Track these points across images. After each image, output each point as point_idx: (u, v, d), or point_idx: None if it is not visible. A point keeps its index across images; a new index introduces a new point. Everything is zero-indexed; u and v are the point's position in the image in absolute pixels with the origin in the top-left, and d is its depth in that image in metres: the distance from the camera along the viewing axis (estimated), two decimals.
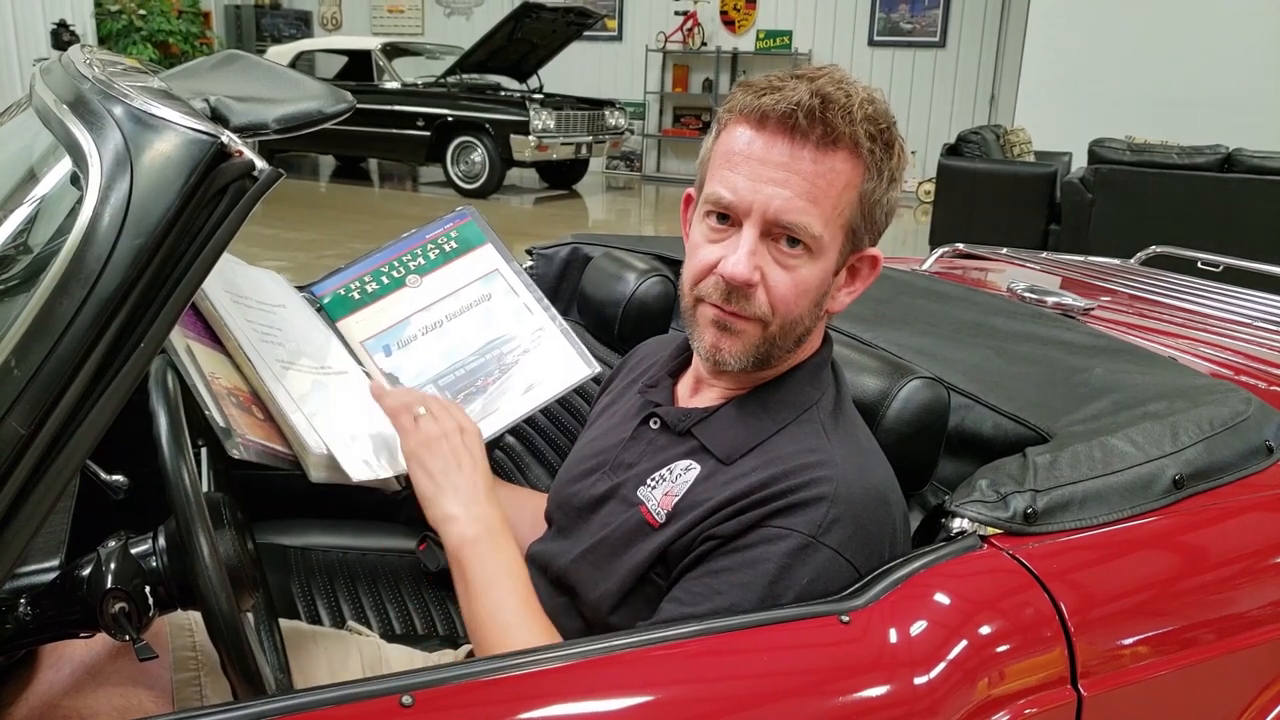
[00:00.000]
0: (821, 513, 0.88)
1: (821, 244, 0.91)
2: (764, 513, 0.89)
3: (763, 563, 0.88)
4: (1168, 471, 1.08)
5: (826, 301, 0.97)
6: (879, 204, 0.93)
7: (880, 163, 0.91)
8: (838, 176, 0.90)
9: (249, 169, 0.67)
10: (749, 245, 0.90)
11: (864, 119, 0.89)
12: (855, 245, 0.95)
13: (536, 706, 0.76)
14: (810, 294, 0.93)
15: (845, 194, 0.91)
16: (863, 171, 0.91)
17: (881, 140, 0.91)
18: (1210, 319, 1.92)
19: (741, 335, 0.94)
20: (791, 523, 0.88)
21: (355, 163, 11.36)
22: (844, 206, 0.91)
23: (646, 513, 0.97)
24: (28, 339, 0.64)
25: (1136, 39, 7.94)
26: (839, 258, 0.94)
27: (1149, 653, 1.00)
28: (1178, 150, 6.10)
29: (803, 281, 0.92)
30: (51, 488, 0.66)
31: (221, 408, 0.94)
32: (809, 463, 0.91)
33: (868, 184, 0.91)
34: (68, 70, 0.80)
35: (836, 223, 0.91)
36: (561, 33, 9.65)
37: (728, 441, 0.97)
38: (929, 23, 10.33)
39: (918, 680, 0.84)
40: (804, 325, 0.96)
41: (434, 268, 1.27)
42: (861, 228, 0.94)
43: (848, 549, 0.88)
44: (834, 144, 0.89)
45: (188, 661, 1.09)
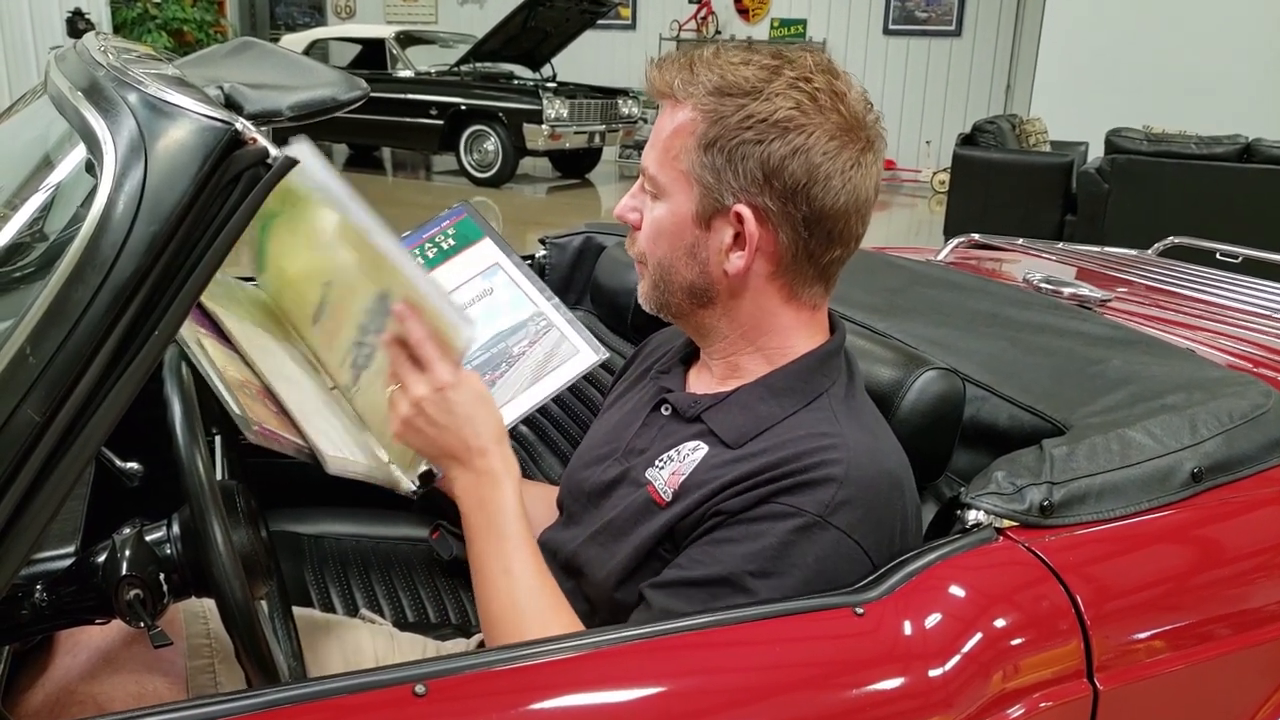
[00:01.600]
0: (830, 493, 0.87)
1: (659, 185, 0.96)
2: (772, 489, 0.89)
3: (766, 536, 0.87)
4: (1186, 464, 1.07)
5: (709, 258, 0.95)
6: (719, 150, 0.91)
7: (716, 106, 0.91)
8: (670, 121, 0.95)
9: (263, 156, 0.67)
10: (632, 190, 1.01)
11: (703, 65, 0.93)
12: (716, 199, 0.92)
13: (549, 696, 0.76)
14: (665, 235, 0.97)
15: (676, 139, 0.94)
16: (693, 116, 0.93)
17: (720, 88, 0.92)
18: (1229, 310, 1.90)
19: (642, 277, 1.03)
20: (799, 501, 0.88)
21: (368, 151, 11.37)
22: (678, 151, 0.94)
23: (654, 491, 0.96)
24: (43, 326, 0.64)
25: (1154, 28, 7.86)
26: (695, 206, 0.94)
27: (1166, 647, 0.99)
28: (1196, 140, 6.04)
29: (654, 220, 0.98)
30: (66, 475, 0.66)
31: (237, 397, 0.94)
32: (820, 445, 0.91)
33: (699, 128, 0.92)
34: (82, 57, 0.80)
35: (674, 166, 0.94)
36: (575, 21, 9.62)
37: (736, 426, 0.96)
38: (944, 11, 10.26)
39: (932, 673, 0.84)
40: (682, 275, 0.97)
41: (433, 266, 1.27)
42: (710, 179, 0.92)
43: (856, 531, 0.88)
44: (669, 95, 0.95)
45: (202, 648, 1.10)
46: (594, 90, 9.73)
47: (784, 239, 0.93)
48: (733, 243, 0.94)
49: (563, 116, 9.00)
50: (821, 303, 1.01)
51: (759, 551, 0.87)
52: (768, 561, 0.87)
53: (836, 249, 0.96)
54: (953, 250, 2.35)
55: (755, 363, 1.00)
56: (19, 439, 0.63)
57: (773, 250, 0.94)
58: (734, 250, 0.94)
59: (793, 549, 0.87)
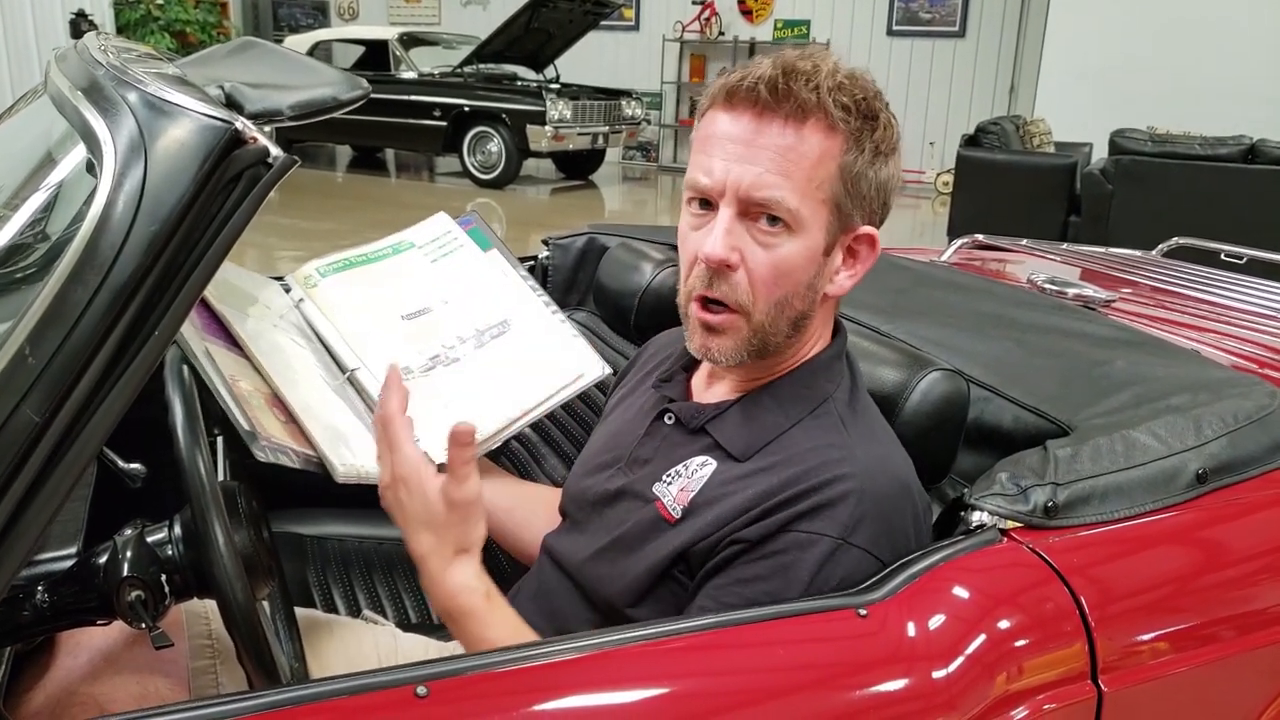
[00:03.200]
0: (848, 512, 0.87)
1: (799, 218, 0.88)
2: (790, 515, 0.88)
3: (795, 569, 0.87)
4: (1191, 465, 1.07)
5: (821, 284, 0.93)
6: (863, 177, 0.90)
7: (859, 133, 0.89)
8: (810, 148, 0.87)
9: (263, 155, 0.67)
10: (724, 224, 0.89)
11: (834, 88, 0.88)
12: (845, 223, 0.91)
13: (551, 698, 0.76)
14: (793, 274, 0.90)
15: (821, 166, 0.88)
16: (840, 142, 0.88)
17: (859, 111, 0.88)
18: (1234, 311, 1.90)
19: (727, 333, 0.93)
20: (820, 526, 0.87)
21: (372, 153, 11.38)
22: (822, 179, 0.88)
23: (663, 508, 0.96)
24: (42, 326, 0.63)
25: (1158, 29, 7.84)
26: (825, 235, 0.91)
27: (1171, 648, 0.99)
28: (1200, 141, 6.03)
29: (783, 261, 0.89)
30: (67, 475, 0.66)
31: (245, 411, 0.93)
32: (829, 459, 0.90)
33: (848, 156, 0.89)
34: (82, 57, 0.80)
35: (815, 197, 0.88)
36: (578, 22, 9.62)
37: (742, 438, 0.96)
38: (948, 12, 10.25)
39: (936, 674, 0.83)
40: (794, 308, 0.93)
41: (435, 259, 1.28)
42: (848, 204, 0.90)
43: (876, 546, 0.88)
44: (802, 115, 0.87)
45: (204, 649, 1.10)
46: (597, 91, 9.73)
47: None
48: (842, 263, 0.94)
49: (566, 118, 9.00)
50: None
51: (792, 587, 0.87)
52: (796, 589, 0.87)
53: None
54: (956, 251, 2.34)
55: (777, 371, 0.99)
56: (18, 440, 0.63)
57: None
58: (842, 271, 0.94)
59: (822, 578, 0.87)
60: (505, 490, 1.23)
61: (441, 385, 1.14)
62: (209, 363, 0.95)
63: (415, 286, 1.24)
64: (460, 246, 1.29)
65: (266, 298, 1.18)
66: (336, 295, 1.20)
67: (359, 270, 1.24)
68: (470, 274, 1.27)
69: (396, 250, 1.27)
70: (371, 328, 1.18)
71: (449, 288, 1.25)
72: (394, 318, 1.20)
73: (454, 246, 1.29)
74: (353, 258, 1.25)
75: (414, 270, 1.26)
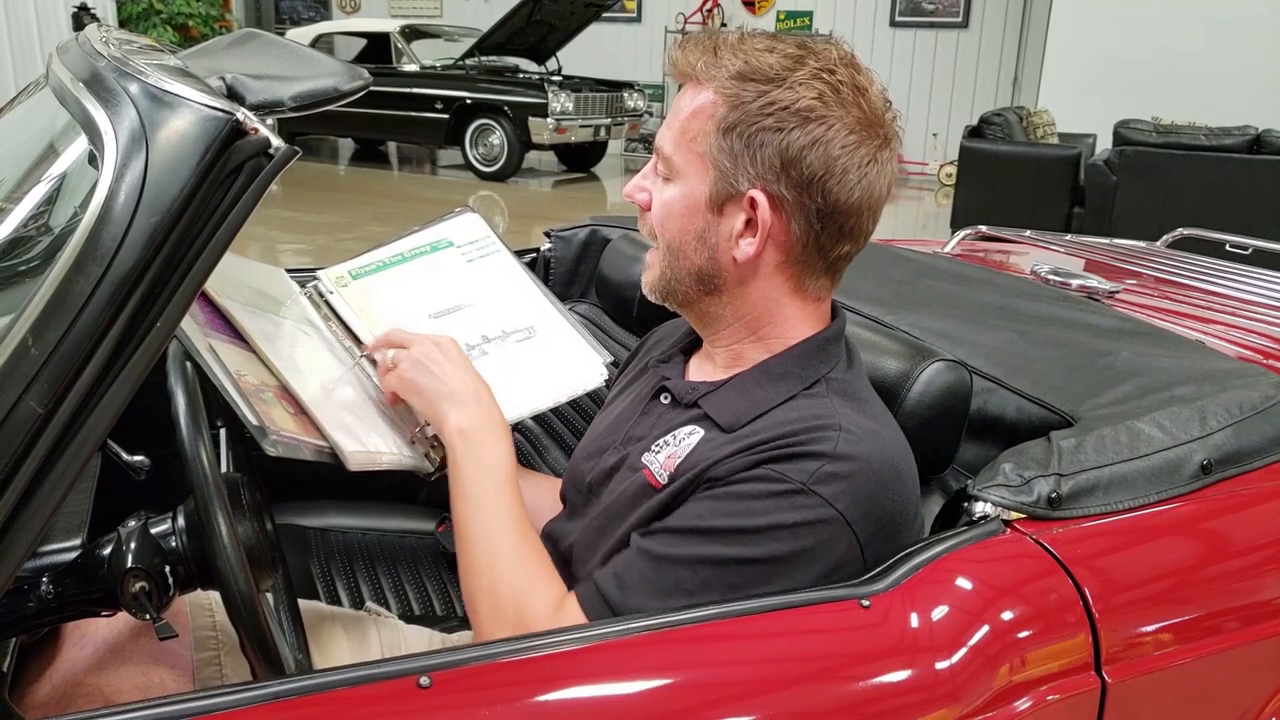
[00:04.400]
0: (816, 465, 0.86)
1: (673, 165, 0.95)
2: (761, 458, 0.89)
3: (749, 497, 0.87)
4: (1195, 456, 1.07)
5: (717, 241, 0.94)
6: (738, 135, 0.90)
7: (738, 91, 0.90)
8: (690, 103, 0.94)
9: (265, 146, 0.67)
10: (644, 170, 1.01)
11: (727, 49, 0.92)
12: (731, 183, 0.92)
13: (554, 688, 0.76)
14: (675, 217, 0.96)
15: (694, 120, 0.93)
16: (716, 100, 0.92)
17: (743, 72, 0.91)
18: (1239, 302, 1.89)
19: (649, 267, 1.02)
20: (785, 469, 0.87)
21: (374, 145, 11.38)
22: (695, 133, 0.93)
23: (650, 475, 0.96)
24: (44, 318, 0.63)
25: (1162, 18, 7.82)
26: (709, 190, 0.93)
27: (1174, 640, 0.99)
28: (1205, 131, 6.01)
29: (665, 203, 0.97)
30: (70, 467, 0.66)
31: (253, 405, 0.93)
32: (815, 425, 0.90)
33: (719, 111, 0.91)
34: (84, 48, 0.80)
35: (690, 148, 0.94)
36: (580, 14, 9.60)
37: (732, 410, 0.96)
38: (951, 3, 10.22)
39: (939, 665, 0.83)
40: (690, 260, 0.96)
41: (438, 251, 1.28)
42: (726, 162, 0.91)
43: (840, 501, 0.86)
44: (691, 75, 0.95)
45: (208, 641, 1.10)
46: (599, 84, 9.71)
47: (796, 229, 0.92)
48: (744, 229, 0.93)
49: (568, 110, 8.99)
50: (826, 295, 1.00)
51: (742, 509, 0.87)
52: (749, 517, 0.86)
53: (846, 244, 0.95)
54: (960, 242, 2.34)
55: (757, 352, 0.99)
56: (22, 431, 0.63)
57: (784, 240, 0.93)
58: (745, 236, 0.94)
59: (775, 511, 0.86)
60: None
61: None
62: (213, 359, 0.95)
63: (447, 286, 1.24)
64: (496, 251, 1.30)
65: (271, 287, 1.18)
66: (366, 292, 1.21)
67: (392, 271, 1.24)
68: (501, 280, 1.27)
69: (435, 248, 1.27)
70: (398, 323, 1.18)
71: (479, 290, 1.25)
72: (422, 315, 1.20)
73: (491, 250, 1.29)
74: (388, 258, 1.25)
75: (448, 269, 1.26)
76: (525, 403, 1.17)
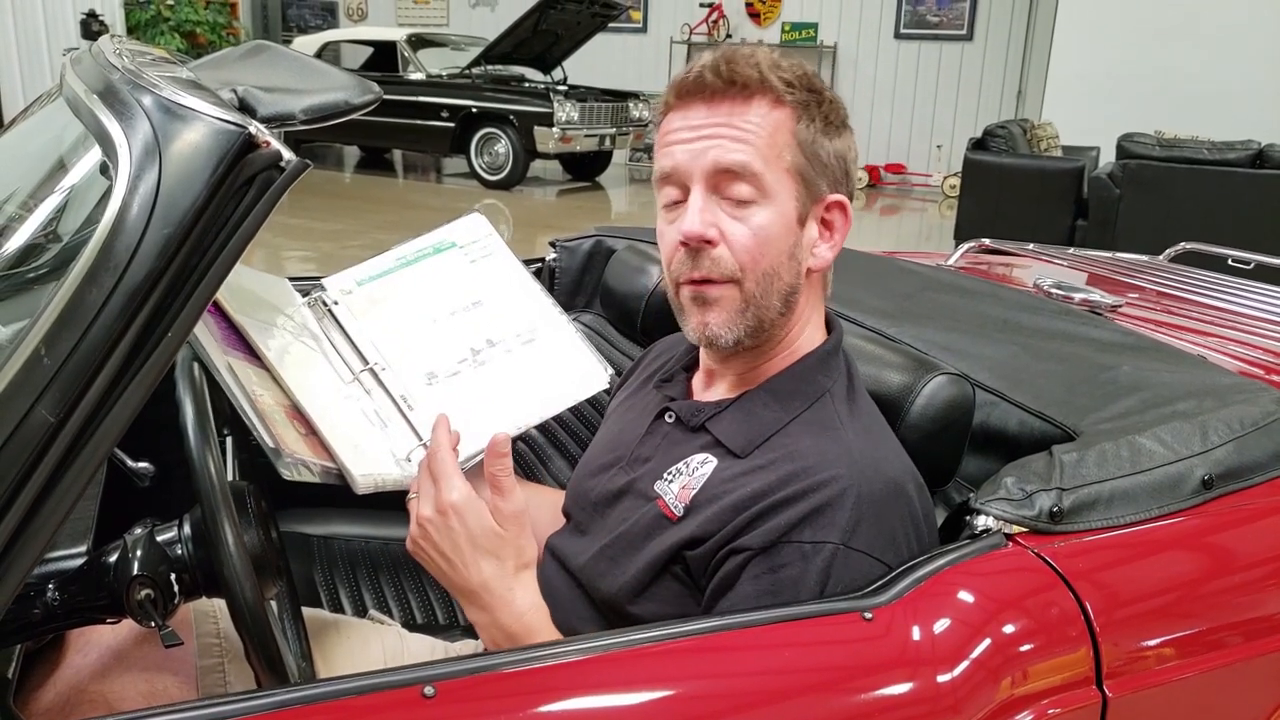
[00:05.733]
0: (845, 516, 0.87)
1: (766, 185, 0.91)
2: (789, 521, 0.88)
3: (804, 581, 0.87)
4: (1197, 471, 1.07)
5: (803, 256, 0.95)
6: (819, 146, 0.93)
7: (806, 104, 0.93)
8: (764, 120, 0.91)
9: (276, 159, 0.68)
10: (698, 203, 0.91)
11: (772, 66, 0.93)
12: (814, 193, 0.94)
13: (558, 699, 0.76)
14: (773, 241, 0.92)
15: (778, 135, 0.91)
16: (790, 113, 0.92)
17: (802, 86, 0.93)
18: (1241, 317, 1.89)
19: (720, 303, 0.93)
20: (819, 534, 0.87)
21: (380, 154, 11.40)
22: (781, 148, 0.91)
23: (664, 506, 0.96)
24: (57, 328, 0.64)
25: (1166, 33, 7.83)
26: (797, 205, 0.93)
27: (1176, 654, 0.99)
28: (1208, 146, 6.02)
29: (761, 229, 0.91)
30: (80, 475, 0.67)
31: (269, 427, 0.93)
32: (825, 459, 0.91)
33: (800, 125, 0.92)
34: (97, 60, 0.81)
35: (778, 165, 0.91)
36: (586, 24, 9.63)
37: (742, 434, 0.96)
38: (956, 15, 10.24)
39: (940, 678, 0.84)
40: (783, 280, 0.94)
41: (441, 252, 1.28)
42: (810, 172, 0.93)
43: (876, 548, 0.88)
44: (748, 92, 0.91)
45: (212, 648, 1.10)
46: (605, 93, 9.73)
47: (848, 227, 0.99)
48: (819, 235, 0.97)
49: (573, 119, 9.01)
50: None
51: (796, 592, 0.87)
52: (807, 594, 0.87)
53: None
54: (963, 255, 2.34)
55: (774, 365, 1.00)
56: (34, 439, 0.64)
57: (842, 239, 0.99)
58: (820, 243, 0.97)
59: (830, 583, 0.87)
60: None
61: (465, 390, 1.15)
62: (231, 378, 0.95)
63: (450, 289, 1.24)
64: (499, 251, 1.29)
65: (275, 298, 1.19)
66: (371, 299, 1.21)
67: (396, 275, 1.24)
68: (503, 280, 1.27)
69: (439, 249, 1.27)
70: (402, 329, 1.18)
71: (482, 291, 1.25)
72: (426, 320, 1.20)
73: (493, 250, 1.29)
74: (392, 263, 1.25)
75: (451, 271, 1.26)
76: (528, 413, 1.17)
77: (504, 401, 1.14)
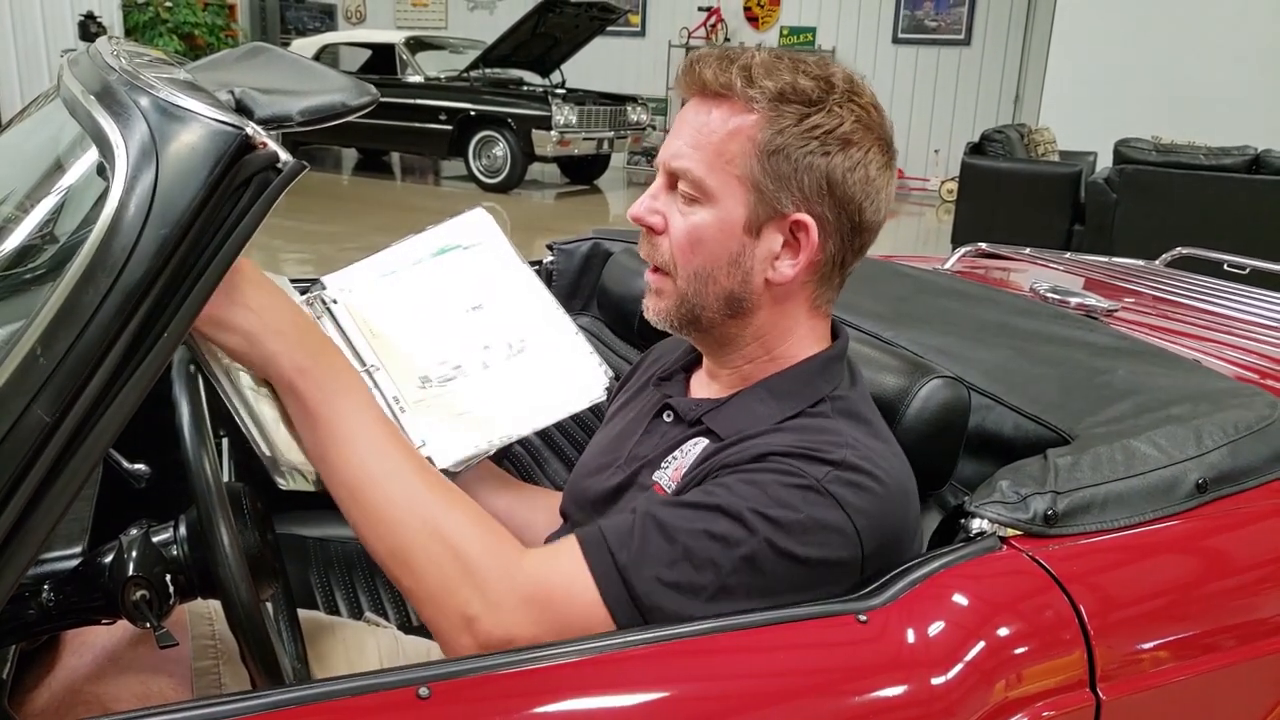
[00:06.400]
0: (826, 469, 0.87)
1: (707, 190, 0.92)
2: (774, 451, 0.88)
3: (761, 485, 0.86)
4: (1191, 475, 1.07)
5: (751, 264, 0.94)
6: (785, 158, 0.90)
7: (779, 113, 0.90)
8: (721, 124, 0.91)
9: (273, 161, 0.68)
10: (652, 190, 0.97)
11: (762, 71, 0.91)
12: (772, 205, 0.92)
13: (553, 700, 0.76)
14: (707, 243, 0.93)
15: (731, 142, 0.91)
16: (754, 120, 0.90)
17: (783, 94, 0.90)
18: (1236, 322, 1.90)
19: (659, 292, 0.98)
20: (801, 465, 0.87)
21: (377, 156, 11.41)
22: (733, 154, 0.90)
23: (660, 490, 0.97)
24: (54, 327, 0.64)
25: (1164, 38, 7.86)
26: (746, 212, 0.92)
27: (1170, 657, 0.99)
28: (1205, 151, 6.03)
29: (695, 228, 0.93)
30: (75, 475, 0.67)
31: (268, 436, 0.92)
32: (823, 439, 0.90)
33: (763, 133, 0.90)
34: (95, 61, 0.81)
35: (727, 171, 0.91)
36: (584, 28, 9.65)
37: (734, 426, 0.96)
38: (954, 20, 10.27)
39: (935, 681, 0.84)
40: (720, 284, 0.94)
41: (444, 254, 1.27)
42: (769, 185, 0.91)
43: (850, 507, 0.86)
44: (719, 96, 0.92)
45: (207, 650, 1.10)
46: (603, 97, 9.75)
47: (831, 248, 0.95)
48: (781, 250, 0.94)
49: (571, 123, 9.02)
50: (830, 309, 1.02)
51: (755, 494, 0.85)
52: (765, 501, 0.85)
53: (858, 260, 0.99)
54: (960, 259, 2.35)
55: (765, 370, 1.00)
56: (29, 439, 0.64)
57: (818, 259, 0.94)
58: (782, 257, 0.94)
59: (789, 496, 0.85)
60: (505, 493, 1.24)
61: (459, 396, 1.14)
62: (229, 384, 0.94)
63: (452, 291, 1.23)
64: (503, 251, 1.28)
65: None
66: (371, 299, 1.20)
67: (398, 275, 1.24)
68: (505, 283, 1.26)
69: (443, 250, 1.26)
70: (401, 330, 1.17)
71: (484, 294, 1.24)
72: (425, 322, 1.20)
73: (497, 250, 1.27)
74: (395, 263, 1.24)
75: (454, 272, 1.24)
76: (524, 421, 1.17)
77: (499, 408, 1.14)
